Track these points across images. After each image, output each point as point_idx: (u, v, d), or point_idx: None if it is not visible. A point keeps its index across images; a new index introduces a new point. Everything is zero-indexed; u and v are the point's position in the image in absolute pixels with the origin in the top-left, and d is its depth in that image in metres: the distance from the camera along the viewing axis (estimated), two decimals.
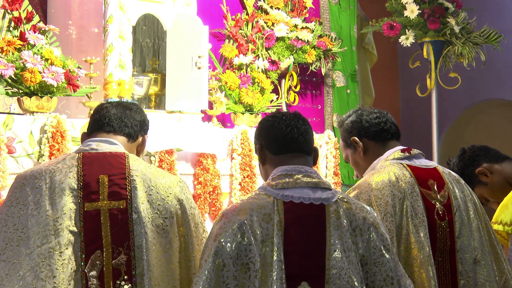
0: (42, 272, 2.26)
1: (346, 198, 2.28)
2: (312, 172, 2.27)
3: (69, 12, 4.21)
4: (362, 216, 2.23)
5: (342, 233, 2.17)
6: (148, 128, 2.74)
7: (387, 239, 2.25)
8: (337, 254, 2.13)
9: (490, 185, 3.31)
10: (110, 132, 2.58)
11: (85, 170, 2.43)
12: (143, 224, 2.38)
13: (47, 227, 2.31)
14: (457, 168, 3.37)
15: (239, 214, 2.14)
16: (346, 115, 2.92)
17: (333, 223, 2.17)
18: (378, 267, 2.19)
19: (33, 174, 2.42)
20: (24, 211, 2.34)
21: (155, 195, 2.44)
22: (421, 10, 5.45)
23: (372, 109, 2.89)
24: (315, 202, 2.19)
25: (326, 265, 2.12)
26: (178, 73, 4.11)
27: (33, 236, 2.30)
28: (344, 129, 2.88)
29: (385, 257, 2.20)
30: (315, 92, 5.62)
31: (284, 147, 2.31)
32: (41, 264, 2.27)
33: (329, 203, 2.20)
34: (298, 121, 2.34)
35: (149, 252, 2.37)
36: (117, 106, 2.65)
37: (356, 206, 2.26)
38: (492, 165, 3.32)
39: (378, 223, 2.26)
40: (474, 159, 3.36)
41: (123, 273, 2.35)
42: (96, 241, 2.36)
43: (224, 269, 2.06)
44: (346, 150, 2.91)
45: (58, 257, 2.29)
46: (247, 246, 2.08)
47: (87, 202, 2.38)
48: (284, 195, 2.18)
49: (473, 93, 7.29)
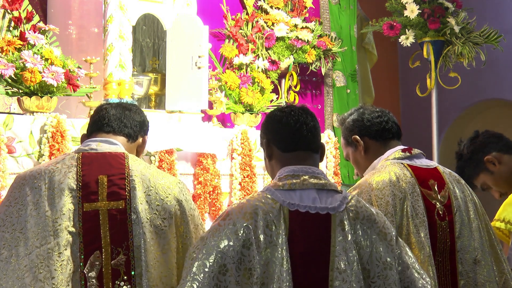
0: (40, 273, 2.25)
1: (355, 205, 2.23)
2: (319, 173, 2.25)
3: (69, 12, 4.21)
4: (368, 227, 2.21)
5: (346, 245, 2.14)
6: (148, 129, 2.74)
7: (394, 249, 2.23)
8: (341, 265, 2.11)
9: (496, 174, 3.27)
10: (109, 133, 2.58)
11: (84, 170, 2.42)
12: (141, 224, 2.38)
13: (46, 227, 2.30)
14: (466, 151, 3.31)
15: (244, 217, 2.11)
16: (348, 113, 2.90)
17: (338, 234, 2.15)
18: (382, 280, 2.17)
19: (32, 174, 2.41)
20: (23, 211, 2.33)
21: (154, 195, 2.44)
22: (421, 10, 5.45)
23: (374, 108, 2.87)
24: (321, 211, 2.16)
25: (329, 276, 2.11)
26: (178, 73, 4.11)
27: (32, 237, 2.29)
28: (346, 127, 2.87)
29: (389, 270, 2.18)
30: (315, 92, 5.62)
31: (292, 144, 2.28)
32: (40, 265, 2.26)
33: (335, 213, 2.17)
34: (307, 116, 2.30)
35: (147, 252, 2.36)
36: (117, 107, 2.65)
37: (363, 216, 2.22)
38: (502, 155, 3.28)
39: (385, 233, 2.23)
40: (485, 145, 3.30)
41: (122, 273, 2.35)
42: (95, 241, 2.35)
43: (227, 273, 2.02)
44: (347, 148, 2.89)
45: (57, 258, 2.28)
46: (250, 251, 2.05)
47: (86, 202, 2.37)
48: (290, 203, 2.15)
49: (473, 93, 7.29)
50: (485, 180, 3.29)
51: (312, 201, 2.17)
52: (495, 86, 7.23)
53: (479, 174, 3.26)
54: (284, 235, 2.10)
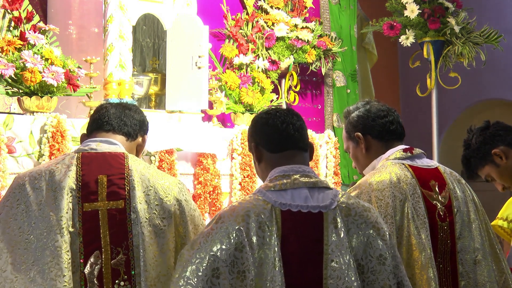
0: (51, 272, 2.26)
1: (346, 202, 2.23)
2: (310, 172, 2.25)
3: (69, 12, 4.21)
4: (360, 222, 2.20)
5: (340, 242, 2.14)
6: (147, 128, 2.74)
7: (387, 243, 2.22)
8: (335, 263, 2.11)
9: (502, 169, 3.24)
10: (109, 131, 2.58)
11: (84, 170, 2.42)
12: (140, 224, 2.38)
13: (52, 228, 2.30)
14: (475, 141, 3.28)
15: (236, 219, 2.10)
16: (354, 107, 2.86)
17: (331, 232, 2.15)
18: (376, 275, 2.16)
19: (33, 174, 2.41)
20: (27, 212, 2.33)
21: (153, 195, 2.44)
22: (421, 10, 5.45)
23: (381, 105, 2.83)
24: (313, 210, 2.16)
25: (323, 274, 2.10)
26: (178, 73, 4.11)
27: (39, 238, 2.29)
28: (349, 121, 2.83)
29: (382, 265, 2.18)
30: (315, 92, 5.62)
31: (280, 144, 2.28)
32: (50, 264, 2.26)
33: (327, 211, 2.17)
34: (293, 117, 2.31)
35: (146, 252, 2.36)
36: (117, 106, 2.66)
37: (355, 212, 2.21)
38: (510, 149, 3.26)
39: (378, 228, 2.22)
40: (495, 138, 3.25)
41: (122, 273, 2.34)
42: (95, 241, 2.35)
43: (221, 277, 2.02)
44: (348, 141, 2.86)
45: (66, 256, 2.29)
46: (243, 254, 2.05)
47: (86, 202, 2.37)
48: (282, 203, 2.15)
49: (473, 93, 7.29)
50: (490, 172, 3.27)
51: (303, 200, 2.17)
52: (495, 86, 7.23)
53: (485, 166, 3.24)
54: (276, 235, 2.10)
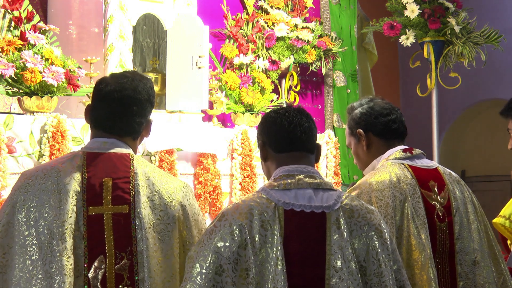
0: (56, 279, 2.23)
1: (350, 204, 2.23)
2: (314, 173, 2.25)
3: (69, 12, 4.21)
4: (363, 224, 2.20)
5: (342, 243, 2.14)
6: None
7: (389, 247, 2.22)
8: (337, 264, 2.11)
9: None
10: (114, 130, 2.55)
11: (89, 172, 2.39)
12: (144, 230, 2.36)
13: (54, 233, 2.27)
14: None
15: (240, 217, 2.11)
16: (357, 104, 2.86)
17: (334, 232, 2.15)
18: (378, 278, 2.16)
19: (39, 174, 2.36)
20: (33, 214, 2.27)
21: (157, 200, 2.41)
22: (421, 10, 5.45)
23: (384, 103, 2.82)
24: (316, 210, 2.16)
25: (326, 275, 2.10)
26: (179, 73, 4.11)
27: (44, 244, 2.25)
28: (352, 118, 2.84)
29: (384, 268, 2.18)
30: (315, 92, 5.62)
31: (286, 145, 2.28)
32: (53, 271, 2.22)
33: (330, 211, 2.17)
34: (302, 117, 2.29)
35: (150, 258, 2.34)
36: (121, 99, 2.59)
37: (359, 214, 2.21)
38: None
39: (381, 231, 2.23)
40: None
41: (125, 278, 2.32)
42: (99, 246, 2.32)
43: (224, 274, 2.03)
44: (350, 137, 2.87)
45: (66, 262, 2.26)
46: (246, 252, 2.06)
47: (91, 206, 2.34)
48: (285, 202, 2.15)
49: (473, 93, 7.29)
50: None
51: (307, 200, 2.17)
52: (495, 86, 7.23)
53: None
54: (279, 234, 2.10)
